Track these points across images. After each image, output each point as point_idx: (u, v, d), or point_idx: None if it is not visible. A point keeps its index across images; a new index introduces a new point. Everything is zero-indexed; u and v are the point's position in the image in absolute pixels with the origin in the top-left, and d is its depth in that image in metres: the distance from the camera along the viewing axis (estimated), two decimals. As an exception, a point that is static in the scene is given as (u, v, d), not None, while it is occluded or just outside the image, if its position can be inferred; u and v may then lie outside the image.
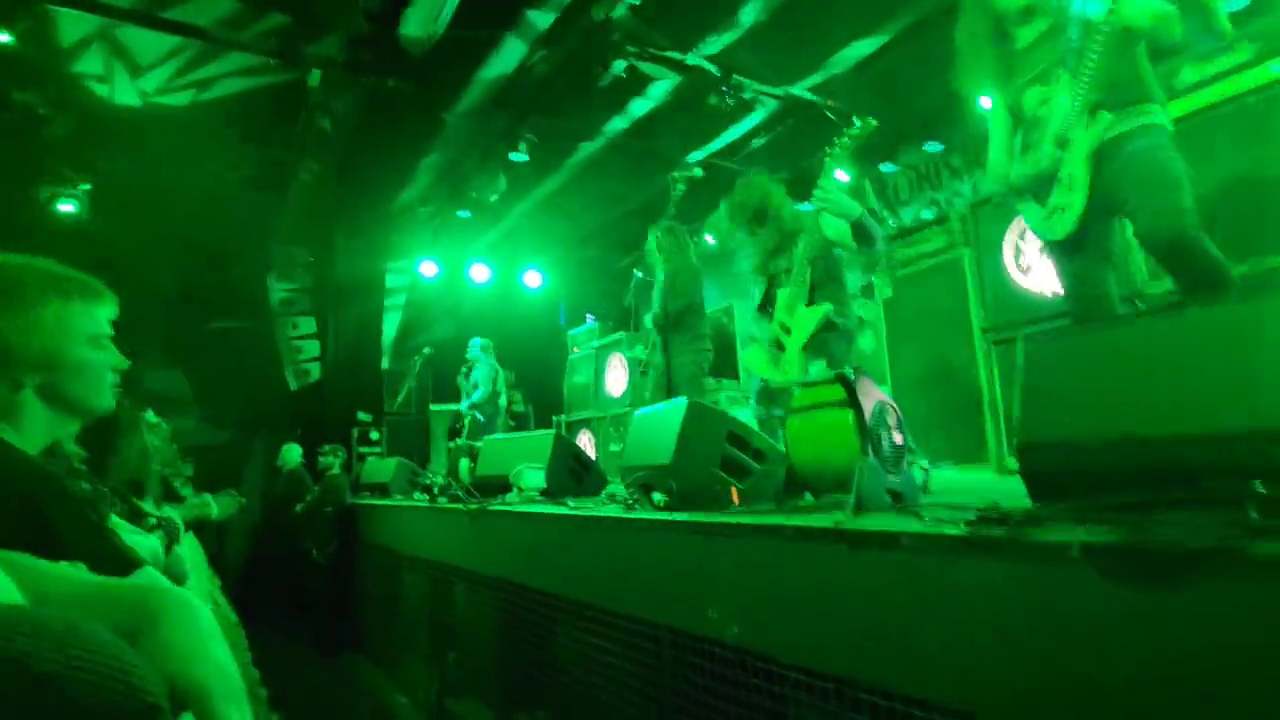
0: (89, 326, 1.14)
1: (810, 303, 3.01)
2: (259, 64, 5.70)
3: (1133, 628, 0.91)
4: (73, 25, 5.26)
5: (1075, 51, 2.08)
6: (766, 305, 3.19)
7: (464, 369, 7.16)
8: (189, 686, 0.61)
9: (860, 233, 2.93)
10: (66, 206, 6.51)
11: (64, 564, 0.74)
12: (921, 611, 1.17)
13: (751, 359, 3.14)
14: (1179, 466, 0.96)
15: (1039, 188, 2.20)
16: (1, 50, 5.02)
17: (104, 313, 1.17)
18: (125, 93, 6.00)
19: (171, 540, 1.70)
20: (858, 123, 3.01)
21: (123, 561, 1.02)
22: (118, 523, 1.38)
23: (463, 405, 7.03)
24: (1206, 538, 0.84)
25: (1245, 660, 0.81)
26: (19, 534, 0.92)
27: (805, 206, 3.19)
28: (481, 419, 6.76)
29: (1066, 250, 2.21)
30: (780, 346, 2.99)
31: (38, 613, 0.49)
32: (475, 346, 7.16)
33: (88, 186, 6.56)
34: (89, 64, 5.68)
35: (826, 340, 2.99)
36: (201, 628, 0.64)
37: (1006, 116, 2.39)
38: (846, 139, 3.03)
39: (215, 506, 3.02)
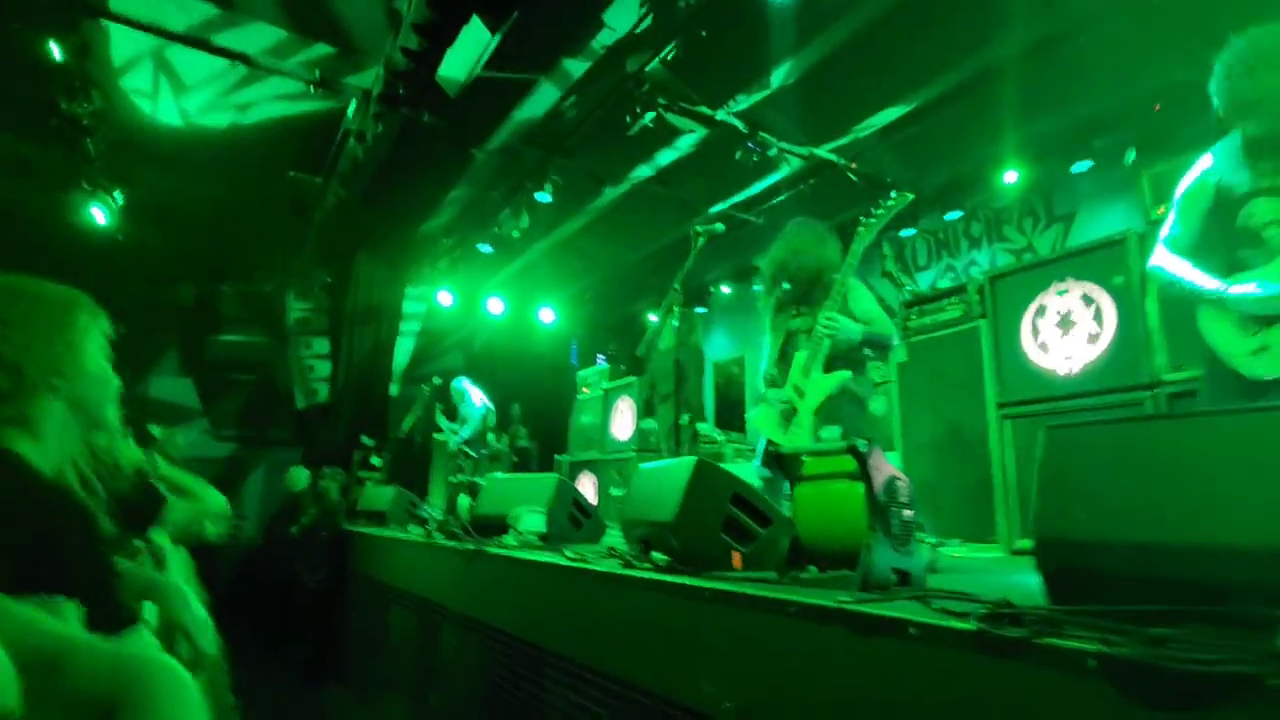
0: (104, 341, 1.23)
1: (827, 369, 3.01)
2: (298, 91, 5.87)
3: (1149, 749, 0.86)
4: (123, 42, 5.45)
5: None
6: (781, 362, 3.19)
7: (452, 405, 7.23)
8: None
9: (871, 346, 3.08)
10: (99, 214, 6.64)
11: (60, 609, 0.72)
12: (924, 705, 1.12)
13: (760, 420, 3.13)
14: (1206, 580, 0.93)
15: (1252, 312, 1.96)
16: (54, 64, 5.19)
17: (103, 330, 1.25)
18: (168, 110, 6.17)
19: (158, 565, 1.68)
20: (894, 195, 3.03)
21: (120, 615, 1.00)
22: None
23: (452, 445, 7.04)
24: (1232, 663, 0.80)
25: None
26: (26, 557, 0.92)
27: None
28: (474, 455, 6.77)
29: (1250, 387, 1.96)
30: (793, 409, 2.99)
31: None
32: (458, 387, 7.23)
33: (121, 198, 6.71)
34: (136, 79, 5.86)
35: (840, 406, 2.98)
36: (184, 700, 0.61)
37: (1208, 202, 2.11)
38: (883, 210, 3.09)
39: (210, 526, 2.97)
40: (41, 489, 1.08)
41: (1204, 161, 2.15)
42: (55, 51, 5.08)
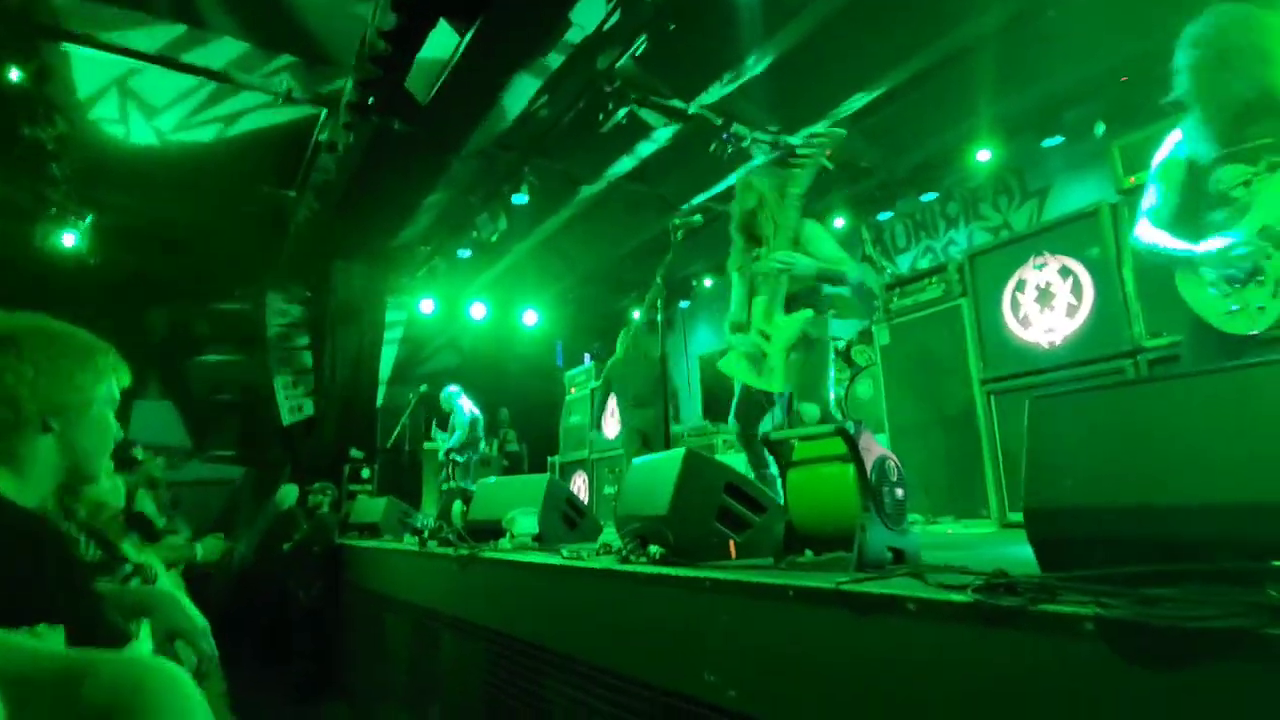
0: (112, 392, 1.24)
1: (788, 311, 3.09)
2: (265, 104, 5.80)
3: (1146, 707, 0.87)
4: (86, 67, 5.36)
5: None
6: (745, 310, 3.25)
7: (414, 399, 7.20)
8: None
9: (825, 279, 3.12)
10: (68, 239, 6.54)
11: (49, 633, 0.71)
12: (925, 679, 1.13)
13: (731, 366, 3.16)
14: (1194, 538, 0.93)
15: (1221, 270, 2.00)
16: (13, 88, 5.10)
17: (121, 384, 1.26)
18: (134, 131, 6.08)
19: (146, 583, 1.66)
20: (824, 131, 3.12)
21: (112, 636, 0.98)
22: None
23: (440, 452, 7.03)
24: (1223, 618, 0.81)
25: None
26: (5, 587, 0.90)
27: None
28: (461, 460, 6.73)
29: (1230, 346, 2.00)
30: (761, 353, 3.04)
31: None
32: (449, 395, 7.26)
33: (90, 220, 6.60)
34: (102, 106, 5.77)
35: (805, 348, 3.07)
36: (186, 707, 0.60)
37: (1183, 173, 2.15)
38: (814, 148, 3.21)
39: (200, 549, 2.95)
40: (17, 520, 1.06)
41: (1175, 135, 2.20)
42: (14, 74, 4.99)
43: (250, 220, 7.43)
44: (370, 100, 5.00)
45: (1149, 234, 2.20)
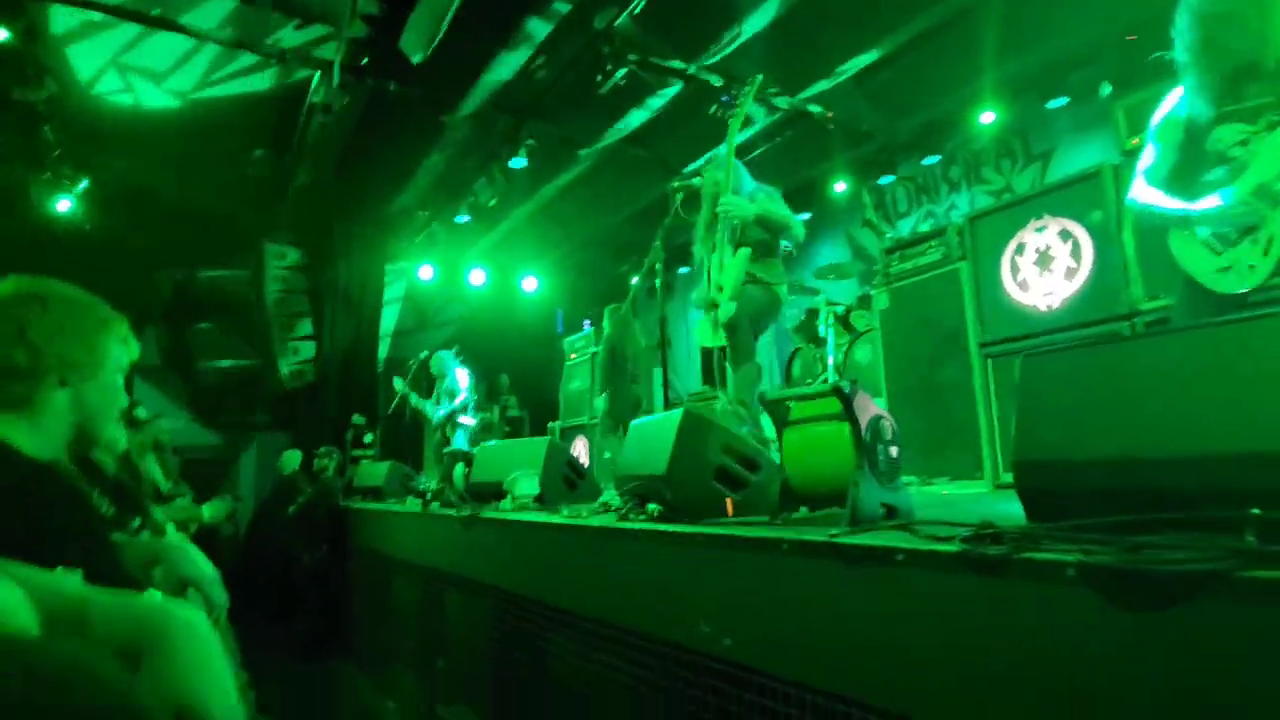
0: (124, 360, 1.29)
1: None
2: (259, 66, 5.71)
3: (1127, 649, 0.90)
4: (65, 19, 5.26)
5: None
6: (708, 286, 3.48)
7: (436, 381, 7.07)
8: (194, 712, 0.60)
9: (766, 225, 3.37)
10: (63, 204, 6.49)
11: (69, 575, 0.73)
12: (916, 629, 1.16)
13: (699, 332, 3.35)
14: (1177, 488, 0.96)
15: (1215, 228, 2.01)
16: (1, 48, 5.01)
17: (130, 356, 1.31)
18: (127, 95, 5.99)
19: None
20: (748, 82, 3.44)
21: (126, 583, 1.01)
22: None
23: (435, 419, 6.90)
24: (1203, 562, 0.84)
25: (1238, 685, 0.80)
26: (20, 537, 0.93)
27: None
28: (471, 425, 6.70)
29: (1221, 306, 2.00)
30: (715, 307, 3.17)
31: (39, 649, 0.48)
32: (446, 360, 7.09)
33: (85, 185, 6.54)
34: (89, 64, 5.68)
35: (750, 290, 3.31)
36: (209, 651, 0.63)
37: (1181, 132, 2.14)
38: (741, 97, 3.49)
39: (206, 510, 3.00)
40: (32, 472, 1.09)
41: (1174, 94, 2.18)
42: (1, 34, 4.90)
43: (247, 185, 7.36)
44: (364, 61, 4.92)
45: (1145, 194, 2.19)
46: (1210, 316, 2.01)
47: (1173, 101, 2.18)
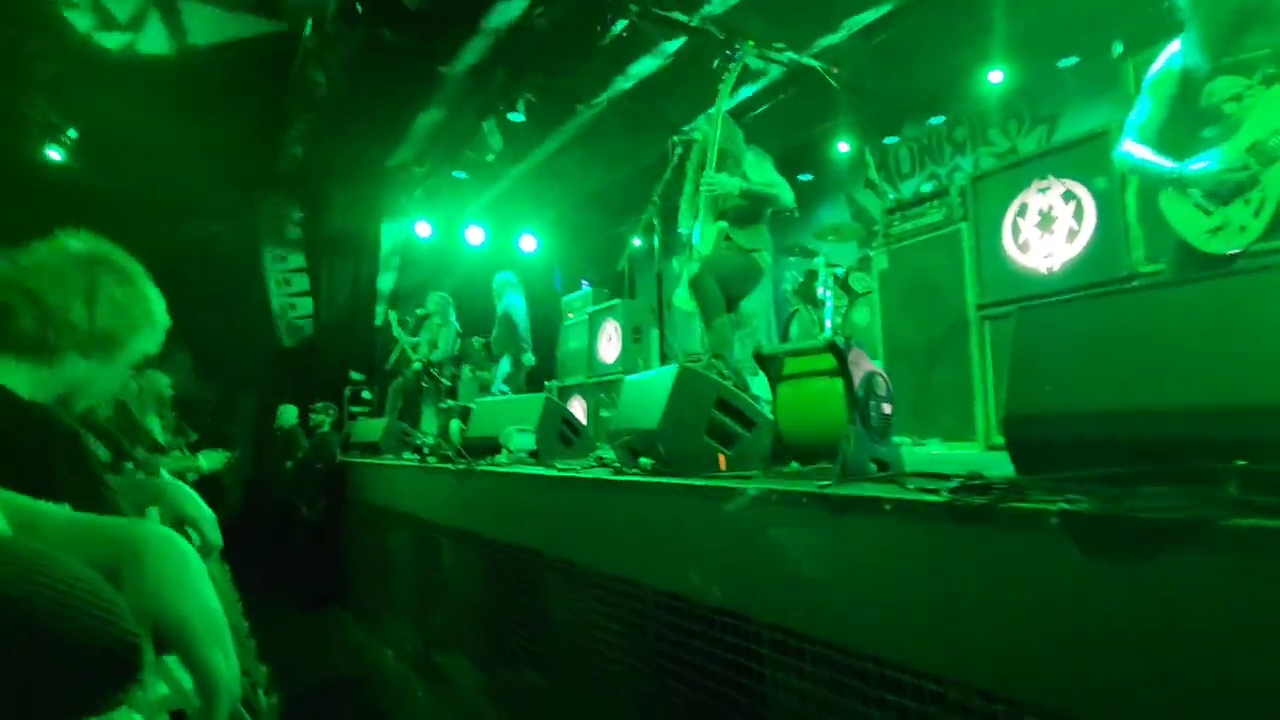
0: (138, 354, 1.28)
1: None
2: (252, 12, 5.56)
3: (1110, 597, 0.92)
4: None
5: None
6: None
7: (413, 321, 6.85)
8: (173, 626, 0.60)
9: (752, 199, 3.39)
10: (54, 153, 6.38)
11: (56, 505, 0.73)
12: (903, 577, 1.18)
13: (682, 300, 3.38)
14: (1162, 440, 0.96)
15: (1208, 188, 1.97)
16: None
17: (150, 352, 1.30)
18: (115, 40, 5.84)
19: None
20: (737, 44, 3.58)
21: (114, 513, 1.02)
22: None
23: (417, 361, 6.66)
24: (1183, 510, 0.85)
25: (1218, 630, 0.82)
26: (15, 475, 0.93)
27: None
28: (448, 384, 6.56)
29: (1211, 267, 1.98)
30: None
31: (9, 544, 0.48)
32: (437, 301, 6.82)
33: (75, 133, 6.42)
34: (81, 15, 5.53)
35: (728, 257, 3.39)
36: (188, 566, 0.63)
37: (1175, 85, 2.08)
38: (731, 65, 3.61)
39: (203, 460, 3.01)
40: (30, 413, 1.09)
41: (1172, 47, 2.14)
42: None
43: (243, 138, 7.23)
44: (358, 7, 4.79)
45: (1134, 150, 2.16)
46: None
47: (1168, 54, 2.14)
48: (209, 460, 3.12)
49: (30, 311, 1.11)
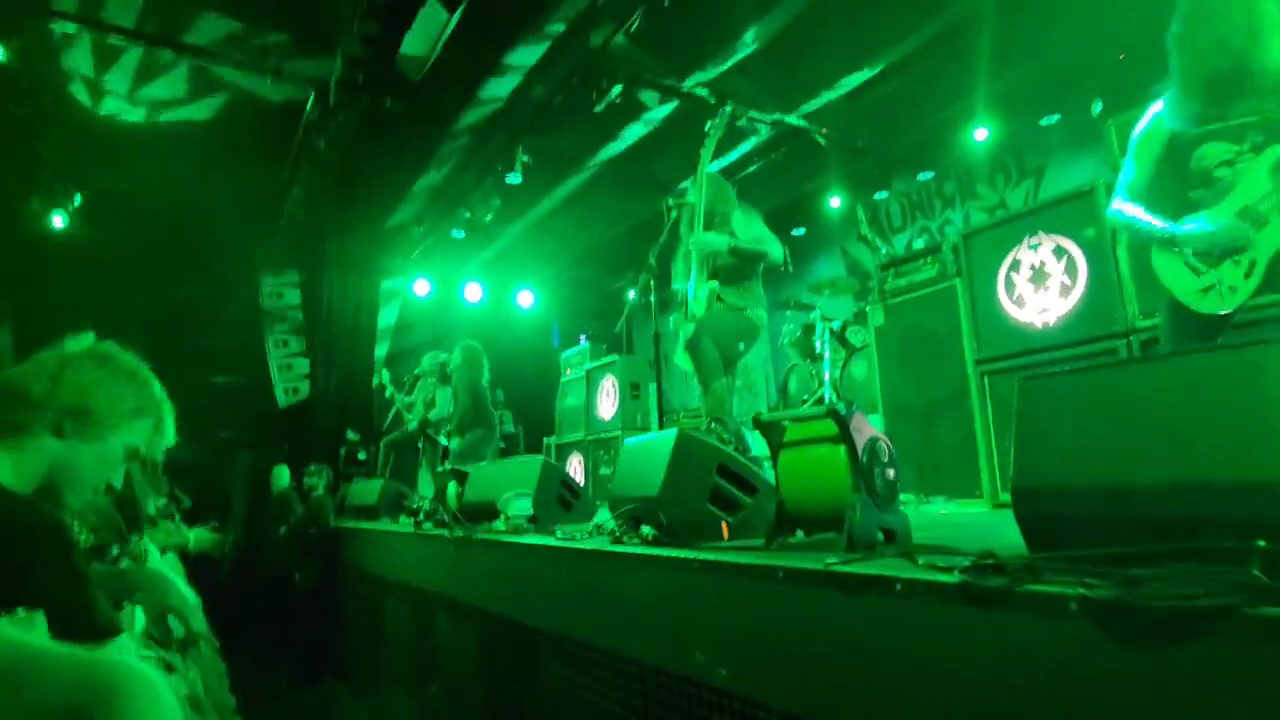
0: (139, 443, 1.27)
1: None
2: (256, 84, 5.72)
3: (1131, 687, 0.87)
4: (69, 41, 5.28)
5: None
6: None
7: (408, 382, 6.71)
8: None
9: (741, 256, 3.43)
10: (58, 220, 6.47)
11: (28, 620, 0.70)
12: (915, 661, 1.13)
13: (680, 359, 3.39)
14: (1180, 518, 0.94)
15: (1199, 249, 2.00)
16: (-1, 66, 5.02)
17: (163, 443, 1.31)
18: (120, 108, 6.00)
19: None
20: (718, 115, 3.63)
21: (100, 625, 0.98)
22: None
23: (412, 424, 6.52)
24: (1208, 597, 0.82)
25: (1249, 725, 0.78)
26: None
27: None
28: (445, 443, 6.34)
29: (1205, 326, 2.02)
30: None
31: None
32: (431, 361, 6.64)
33: (79, 201, 6.53)
34: (82, 77, 5.69)
35: (719, 315, 3.39)
36: (160, 706, 0.60)
37: (1162, 148, 2.13)
38: (711, 127, 3.62)
39: (192, 537, 2.95)
40: (13, 505, 1.06)
41: (1156, 107, 2.18)
42: (-1, 53, 4.91)
43: (243, 202, 7.36)
44: (360, 78, 4.93)
45: (1125, 208, 2.19)
46: (1193, 336, 2.03)
47: (1152, 114, 2.19)
48: (198, 538, 3.05)
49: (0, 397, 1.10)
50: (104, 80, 5.73)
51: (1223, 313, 1.98)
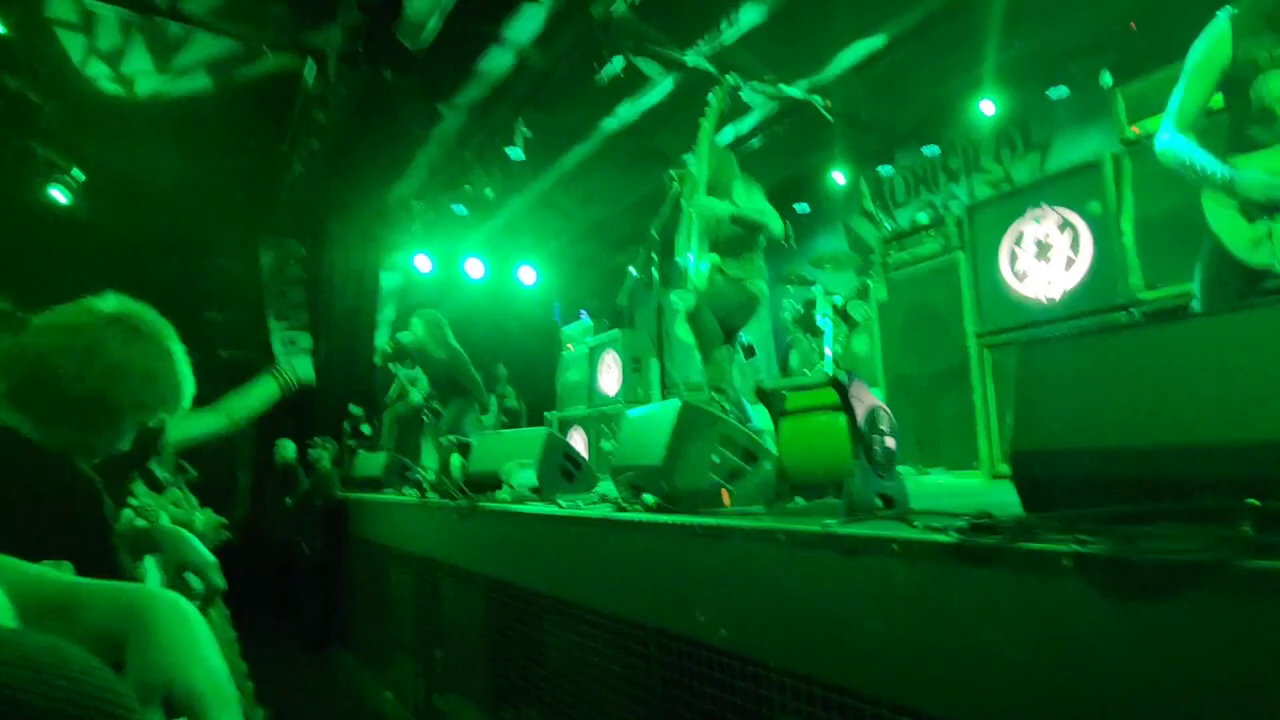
0: (151, 418, 1.23)
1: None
2: (255, 55, 5.66)
3: (1123, 640, 0.90)
4: (64, 10, 5.22)
5: None
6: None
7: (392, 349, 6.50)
8: (182, 695, 0.59)
9: (742, 224, 3.41)
10: (58, 195, 6.45)
11: (58, 567, 0.72)
12: (911, 619, 1.16)
13: (681, 330, 3.39)
14: (1173, 478, 0.95)
15: (1257, 198, 1.86)
16: (-4, 38, 4.97)
17: (169, 412, 1.26)
18: (118, 81, 5.94)
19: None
20: (717, 88, 3.59)
21: (120, 575, 1.01)
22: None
23: (414, 397, 6.36)
24: (1199, 552, 0.83)
25: (1235, 675, 0.80)
26: (24, 518, 0.92)
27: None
28: (428, 419, 6.29)
29: (1247, 279, 1.91)
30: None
31: (14, 638, 0.47)
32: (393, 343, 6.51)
33: (80, 175, 6.50)
34: (80, 49, 5.63)
35: (724, 289, 3.41)
36: (194, 632, 0.62)
37: (1216, 74, 1.95)
38: (713, 98, 3.59)
39: (200, 519, 2.98)
40: (43, 456, 1.08)
41: (1221, 23, 1.97)
42: (-5, 25, 4.86)
43: (244, 176, 7.31)
44: (360, 49, 4.88)
45: (1178, 144, 2.01)
46: (1233, 288, 1.91)
47: (1214, 31, 1.97)
48: (205, 520, 3.08)
49: (25, 372, 1.09)
50: (103, 54, 5.67)
51: (1270, 266, 1.86)
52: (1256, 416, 0.90)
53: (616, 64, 5.16)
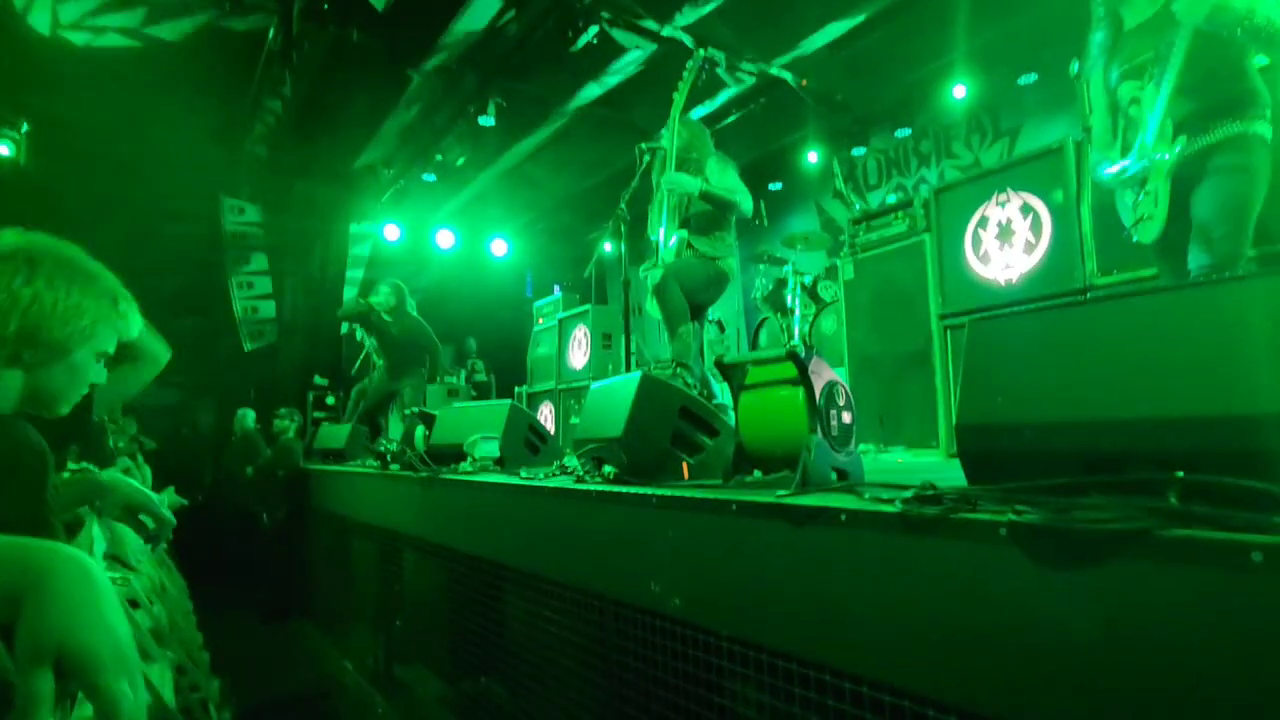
0: (105, 343, 1.18)
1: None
2: (216, 10, 5.44)
3: (1054, 606, 0.93)
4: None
5: (1162, 56, 2.03)
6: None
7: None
8: (75, 656, 0.56)
9: (712, 201, 3.40)
10: (2, 148, 6.18)
11: None
12: (857, 587, 1.19)
13: (650, 305, 3.41)
14: (1108, 452, 0.98)
15: (1132, 186, 2.21)
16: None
17: (125, 334, 1.21)
18: (69, 31, 5.68)
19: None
20: (690, 61, 3.55)
21: (44, 529, 0.98)
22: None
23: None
24: (1125, 521, 0.86)
25: (1157, 638, 0.83)
26: None
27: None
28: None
29: (1158, 252, 2.23)
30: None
31: None
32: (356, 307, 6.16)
33: (26, 128, 6.22)
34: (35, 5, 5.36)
35: (690, 263, 3.42)
36: (97, 591, 0.60)
37: (1105, 96, 2.34)
38: (686, 72, 3.54)
39: (161, 500, 2.92)
40: (6, 426, 1.05)
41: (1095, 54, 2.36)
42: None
43: (204, 136, 7.07)
44: (325, 6, 4.72)
45: (1103, 164, 2.33)
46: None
47: (1092, 58, 2.36)
48: (168, 499, 3.02)
49: None
50: (56, 5, 5.40)
51: (1149, 242, 2.16)
52: (1185, 392, 0.93)
53: (590, 32, 5.07)
